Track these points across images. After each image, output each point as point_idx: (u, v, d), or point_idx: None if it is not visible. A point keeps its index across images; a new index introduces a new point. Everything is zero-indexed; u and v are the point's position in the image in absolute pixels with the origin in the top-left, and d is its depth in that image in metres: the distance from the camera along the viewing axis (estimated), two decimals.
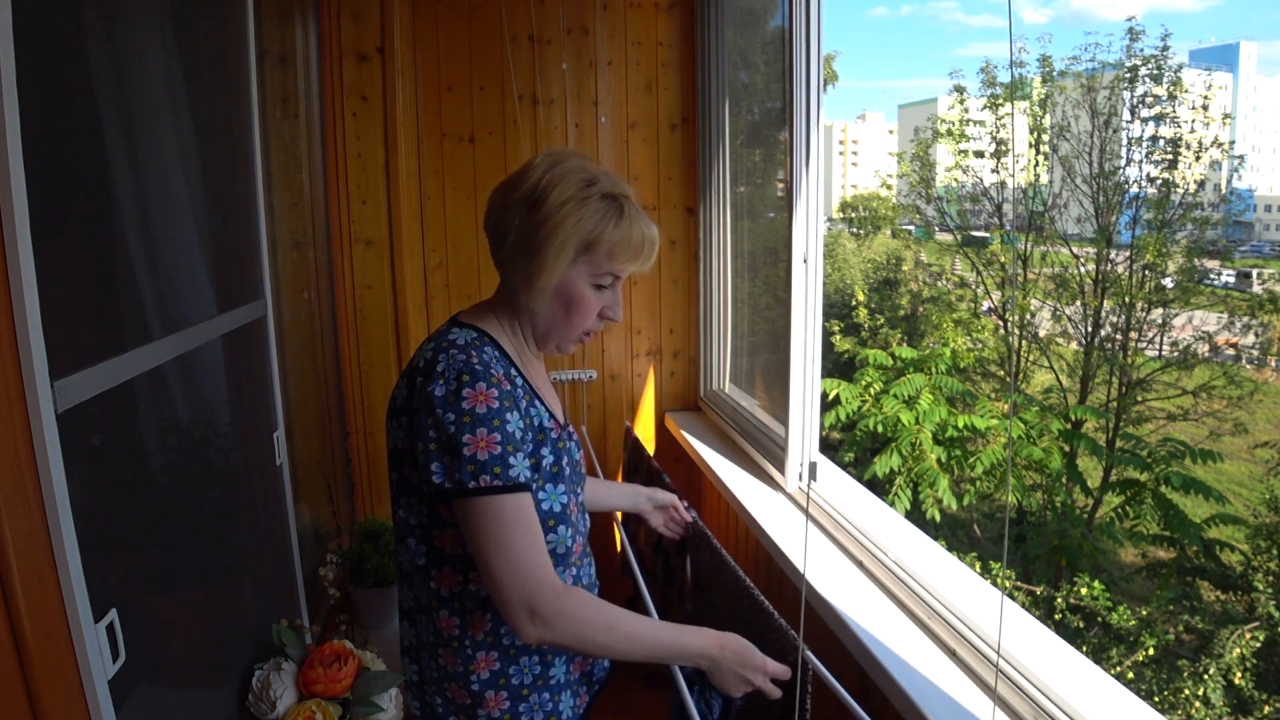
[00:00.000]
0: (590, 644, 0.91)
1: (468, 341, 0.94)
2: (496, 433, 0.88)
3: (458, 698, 1.01)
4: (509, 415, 0.89)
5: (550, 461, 0.98)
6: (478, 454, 0.86)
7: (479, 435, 0.87)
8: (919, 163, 12.57)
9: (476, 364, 0.90)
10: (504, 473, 0.87)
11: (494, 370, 0.91)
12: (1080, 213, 11.40)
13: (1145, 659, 6.39)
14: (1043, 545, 7.47)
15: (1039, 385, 11.99)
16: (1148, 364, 10.64)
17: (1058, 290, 11.28)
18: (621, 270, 0.98)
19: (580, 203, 0.94)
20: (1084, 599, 6.62)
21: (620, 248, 0.96)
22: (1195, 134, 10.89)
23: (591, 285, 0.98)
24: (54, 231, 0.81)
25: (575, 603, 0.88)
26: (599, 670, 1.14)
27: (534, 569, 0.87)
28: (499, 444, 0.88)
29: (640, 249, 0.97)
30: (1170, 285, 10.58)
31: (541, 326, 1.00)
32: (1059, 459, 7.25)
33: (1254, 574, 7.16)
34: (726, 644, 0.96)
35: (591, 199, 0.94)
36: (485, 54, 2.50)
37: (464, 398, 0.88)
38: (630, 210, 0.97)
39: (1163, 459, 7.12)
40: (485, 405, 0.88)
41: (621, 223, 0.96)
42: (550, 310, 0.98)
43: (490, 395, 0.88)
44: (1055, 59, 11.74)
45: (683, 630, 0.96)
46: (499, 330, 1.01)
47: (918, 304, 13.97)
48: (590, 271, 0.97)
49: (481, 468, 0.86)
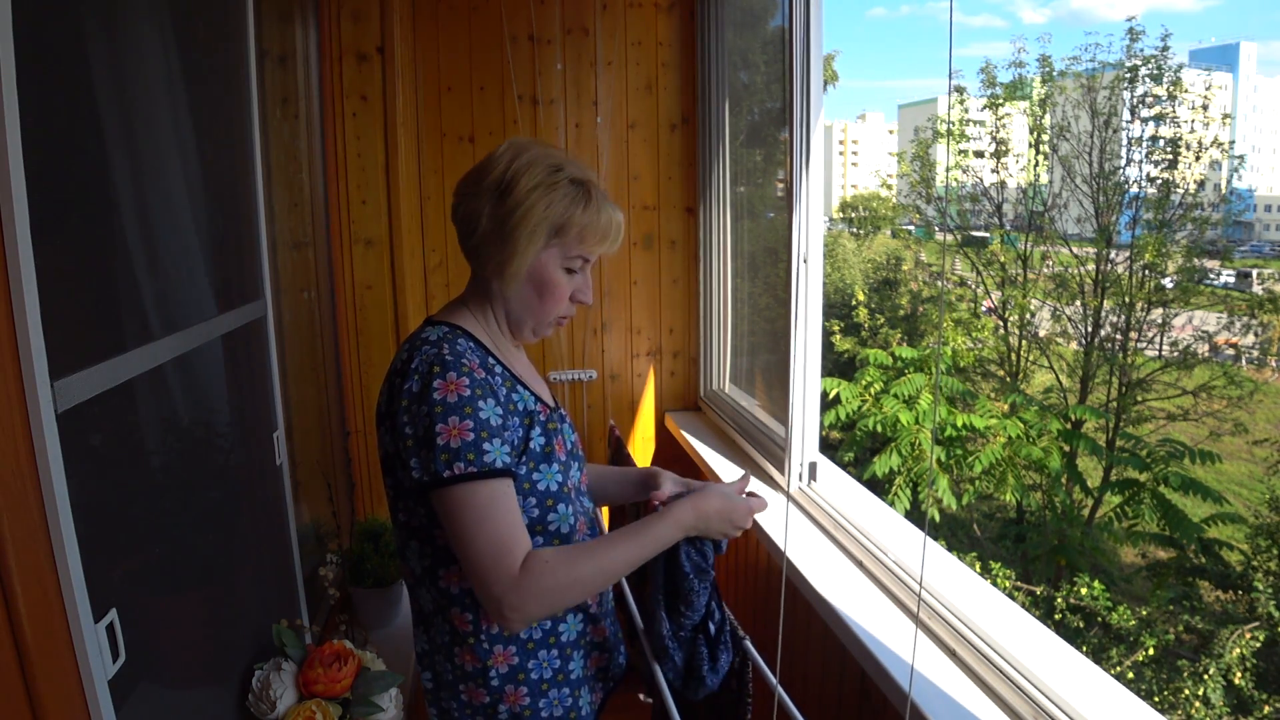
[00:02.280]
0: (571, 602, 0.91)
1: (440, 336, 0.95)
2: (469, 420, 0.88)
3: (475, 698, 1.00)
4: (482, 403, 0.89)
5: (542, 443, 0.98)
6: (450, 442, 0.86)
7: (450, 424, 0.87)
8: (919, 163, 12.58)
9: (448, 355, 0.91)
10: (478, 458, 0.87)
11: (466, 360, 0.92)
12: (1080, 213, 11.41)
13: (1145, 659, 6.39)
14: (1042, 545, 7.48)
15: (1039, 385, 12.00)
16: (1147, 364, 10.64)
17: (1058, 290, 11.29)
18: (591, 253, 1.00)
19: (549, 188, 0.96)
20: (1084, 599, 6.62)
21: (590, 230, 0.98)
22: (1195, 134, 10.89)
23: (563, 269, 0.99)
24: (54, 231, 0.81)
25: (535, 575, 0.85)
26: (615, 668, 1.14)
27: (496, 559, 0.85)
28: (471, 430, 0.87)
29: (608, 231, 1.00)
30: (1170, 285, 10.59)
31: (515, 313, 1.01)
32: (1058, 459, 7.25)
33: (1254, 574, 7.16)
34: (702, 509, 0.99)
35: (560, 184, 0.97)
36: (485, 54, 2.50)
37: (435, 389, 0.88)
38: (597, 194, 0.99)
39: (1162, 459, 7.12)
40: (456, 394, 0.88)
41: (590, 206, 0.98)
42: (523, 296, 1.00)
43: (461, 384, 0.89)
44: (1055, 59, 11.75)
45: (653, 530, 0.96)
46: (472, 322, 1.01)
47: (918, 304, 13.97)
48: (562, 255, 0.98)
49: (455, 455, 0.86)
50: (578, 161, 1.02)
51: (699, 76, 2.61)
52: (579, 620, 1.05)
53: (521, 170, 0.96)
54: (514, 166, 0.96)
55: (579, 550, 0.91)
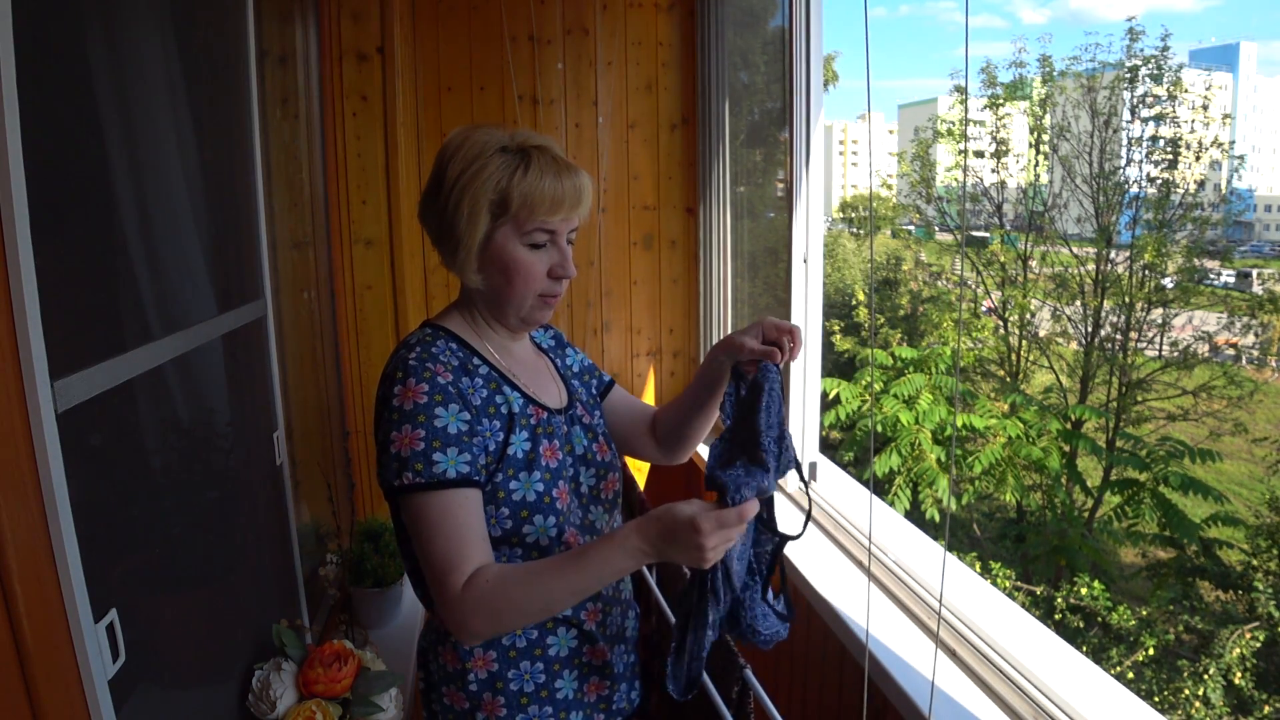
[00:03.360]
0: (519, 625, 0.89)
1: (418, 339, 0.94)
2: (420, 429, 0.86)
3: (456, 703, 0.98)
4: (440, 409, 0.87)
5: (525, 449, 0.94)
6: (400, 450, 0.85)
7: (404, 432, 0.86)
8: (919, 163, 12.58)
9: (413, 360, 0.89)
10: (426, 469, 0.85)
11: (432, 365, 0.89)
12: (1080, 213, 11.41)
13: (1145, 659, 6.39)
14: (1042, 545, 7.47)
15: (1039, 385, 12.00)
16: (1148, 364, 10.65)
17: (1058, 290, 11.29)
18: (548, 222, 0.92)
19: (479, 166, 0.90)
20: (1084, 599, 6.63)
21: (535, 198, 0.90)
22: (1195, 134, 10.90)
23: (524, 245, 0.93)
24: (54, 231, 0.81)
25: (475, 595, 0.81)
26: (620, 699, 1.05)
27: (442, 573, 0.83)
28: (422, 440, 0.85)
29: (559, 195, 0.91)
30: (1170, 285, 10.59)
31: (491, 302, 0.97)
32: (1058, 459, 7.25)
33: (1254, 574, 7.16)
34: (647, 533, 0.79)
35: (489, 159, 0.91)
36: (485, 54, 2.50)
37: (394, 395, 0.87)
38: (540, 160, 0.91)
39: (1162, 459, 7.12)
40: (411, 401, 0.87)
41: (529, 173, 0.90)
42: (492, 283, 0.95)
43: (418, 390, 0.87)
44: (1055, 59, 11.76)
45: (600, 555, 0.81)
46: (458, 322, 0.99)
47: (918, 304, 13.98)
48: (516, 230, 0.92)
49: (404, 464, 0.85)
50: (528, 131, 0.96)
51: (699, 76, 2.61)
52: (570, 636, 0.99)
53: (451, 158, 0.92)
54: (446, 158, 0.93)
55: (524, 572, 0.83)
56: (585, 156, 2.62)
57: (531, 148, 0.92)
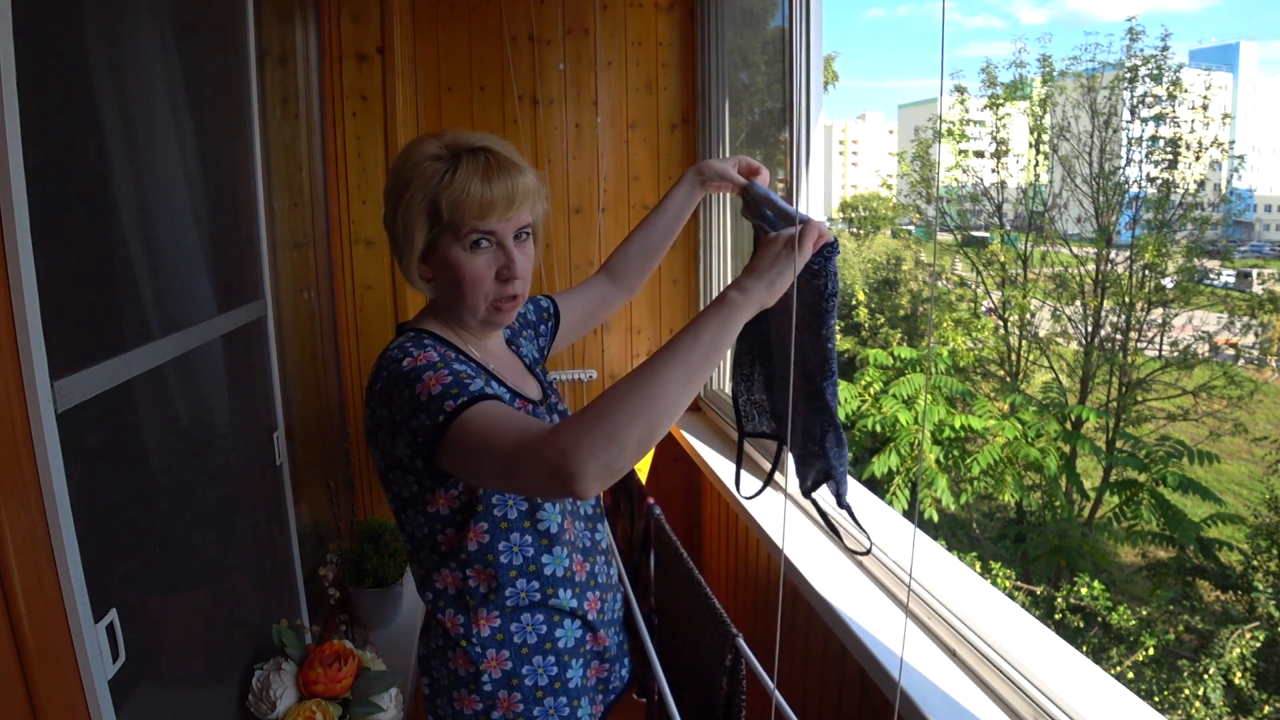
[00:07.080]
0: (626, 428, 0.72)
1: (400, 343, 0.95)
2: (442, 371, 0.85)
3: (467, 705, 0.99)
4: (453, 365, 0.87)
5: None
6: (431, 391, 0.83)
7: (426, 380, 0.84)
8: (919, 163, 12.58)
9: (410, 346, 0.91)
10: (463, 392, 0.82)
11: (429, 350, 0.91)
12: (1080, 213, 11.42)
13: (1145, 659, 6.40)
14: (1042, 545, 7.48)
15: (1039, 385, 12.01)
16: (1148, 364, 10.65)
17: (1058, 290, 11.30)
18: (482, 225, 0.91)
19: (410, 177, 0.91)
20: (1084, 599, 6.63)
21: (461, 202, 0.89)
22: (1195, 134, 10.91)
23: (465, 250, 0.92)
24: (54, 231, 0.81)
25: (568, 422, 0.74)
26: (616, 680, 1.11)
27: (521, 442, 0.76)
28: (449, 375, 0.84)
29: (484, 199, 0.89)
30: (1170, 285, 10.60)
31: (448, 307, 0.99)
32: (1056, 460, 7.25)
33: (1254, 574, 7.16)
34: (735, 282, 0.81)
35: (421, 168, 0.91)
36: (485, 54, 2.50)
37: (404, 368, 0.87)
38: (469, 164, 0.90)
39: (1161, 459, 7.12)
40: (425, 359, 0.87)
41: (455, 178, 0.89)
42: (443, 289, 0.96)
43: (428, 354, 0.88)
44: (1055, 59, 11.77)
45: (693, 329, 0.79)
46: (433, 323, 1.01)
47: (918, 304, 13.98)
48: (455, 236, 0.92)
49: (443, 397, 0.82)
50: (465, 132, 0.94)
51: (699, 76, 2.61)
52: (576, 627, 1.02)
53: (391, 172, 0.95)
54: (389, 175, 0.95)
55: (611, 390, 0.76)
56: (585, 156, 2.62)
57: (465, 151, 0.92)
